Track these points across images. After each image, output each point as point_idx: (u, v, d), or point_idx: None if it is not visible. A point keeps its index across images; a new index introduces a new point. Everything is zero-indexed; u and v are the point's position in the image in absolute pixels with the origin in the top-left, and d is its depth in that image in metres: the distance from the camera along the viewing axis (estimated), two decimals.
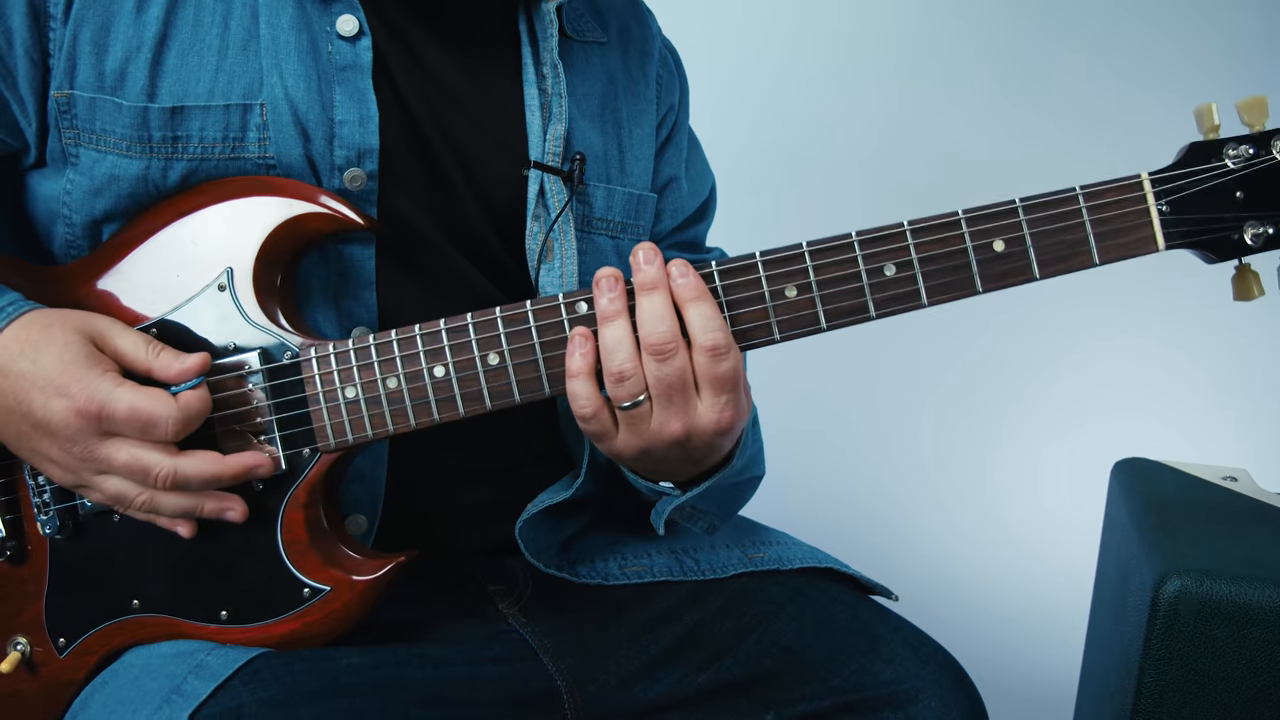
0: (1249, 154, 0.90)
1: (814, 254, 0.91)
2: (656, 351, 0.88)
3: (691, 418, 0.90)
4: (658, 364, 0.88)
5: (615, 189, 1.15)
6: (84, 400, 0.88)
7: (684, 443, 0.91)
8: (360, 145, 1.00)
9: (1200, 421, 2.52)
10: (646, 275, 0.90)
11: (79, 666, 0.99)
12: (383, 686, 0.92)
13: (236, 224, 0.97)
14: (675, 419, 0.90)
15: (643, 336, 0.89)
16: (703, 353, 0.89)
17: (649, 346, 0.89)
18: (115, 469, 0.91)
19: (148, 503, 0.93)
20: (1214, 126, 0.91)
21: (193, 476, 0.91)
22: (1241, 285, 0.93)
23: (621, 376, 0.89)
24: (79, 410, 0.89)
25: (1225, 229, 0.90)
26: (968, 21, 2.58)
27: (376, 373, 0.95)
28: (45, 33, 0.98)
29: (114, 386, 0.89)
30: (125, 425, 0.89)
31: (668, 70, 1.26)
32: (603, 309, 0.90)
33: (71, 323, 0.93)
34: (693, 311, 0.90)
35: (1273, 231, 0.90)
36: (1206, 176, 0.90)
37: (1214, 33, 2.51)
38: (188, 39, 0.99)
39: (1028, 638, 2.25)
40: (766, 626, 1.08)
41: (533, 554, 1.07)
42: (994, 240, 0.90)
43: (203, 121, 0.98)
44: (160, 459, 0.90)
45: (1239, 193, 0.90)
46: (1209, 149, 0.91)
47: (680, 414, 0.90)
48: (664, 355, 0.88)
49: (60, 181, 1.01)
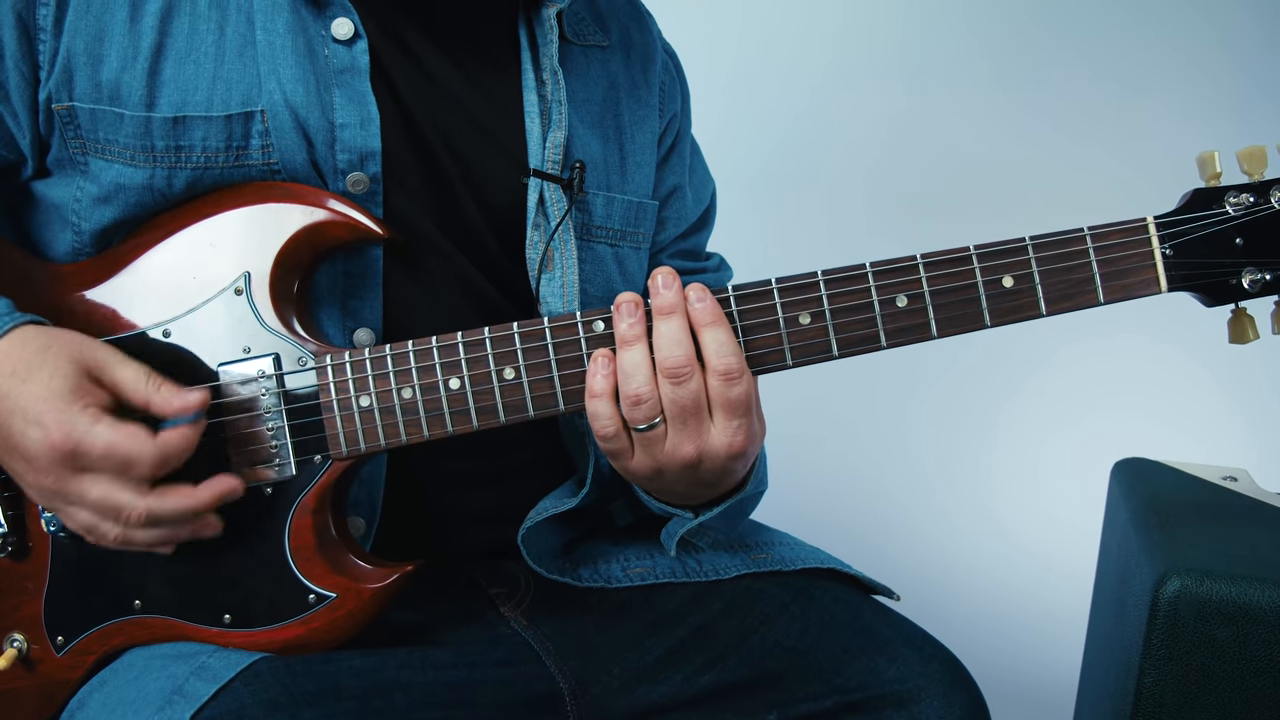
0: (1249, 202, 0.93)
1: (828, 283, 0.93)
2: (671, 375, 0.90)
3: (704, 441, 0.92)
4: (672, 387, 0.90)
5: (615, 196, 1.15)
6: (59, 436, 0.87)
7: (696, 465, 0.93)
8: (362, 148, 1.00)
9: (1200, 421, 2.52)
10: (665, 300, 0.91)
11: (76, 666, 0.99)
12: (384, 689, 0.92)
13: (256, 229, 0.97)
14: (688, 441, 0.91)
15: (659, 360, 0.90)
16: (716, 376, 0.90)
17: (664, 370, 0.90)
18: (87, 505, 0.89)
19: (120, 538, 0.91)
20: (1215, 174, 0.94)
21: (166, 515, 0.90)
22: (1237, 328, 0.97)
23: (638, 400, 0.90)
24: (53, 445, 0.87)
25: (1224, 274, 0.94)
26: (971, 24, 2.58)
27: (392, 382, 0.95)
28: (35, 45, 0.98)
29: (92, 424, 0.87)
30: (100, 463, 0.88)
31: (670, 76, 1.26)
32: (622, 334, 0.92)
33: (69, 349, 0.91)
34: (708, 336, 0.91)
35: (1270, 278, 0.94)
36: (1208, 222, 0.93)
37: (1214, 35, 2.51)
38: (183, 47, 0.98)
39: (1028, 638, 2.25)
40: (769, 627, 1.08)
41: (535, 560, 1.07)
42: (1003, 276, 0.93)
43: (205, 131, 0.97)
44: (132, 500, 0.88)
45: (1239, 239, 0.93)
46: (1211, 195, 0.94)
47: (693, 437, 0.91)
48: (679, 379, 0.90)
49: (70, 189, 1.01)
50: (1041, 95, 2.56)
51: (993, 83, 2.58)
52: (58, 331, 0.93)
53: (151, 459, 0.88)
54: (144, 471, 0.88)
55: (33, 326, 0.93)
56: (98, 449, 0.87)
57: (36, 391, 0.88)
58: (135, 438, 0.88)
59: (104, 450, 0.87)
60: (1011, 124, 2.57)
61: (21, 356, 0.90)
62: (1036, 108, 2.56)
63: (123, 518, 0.89)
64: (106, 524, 0.90)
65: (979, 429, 2.60)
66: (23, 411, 0.88)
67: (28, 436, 0.88)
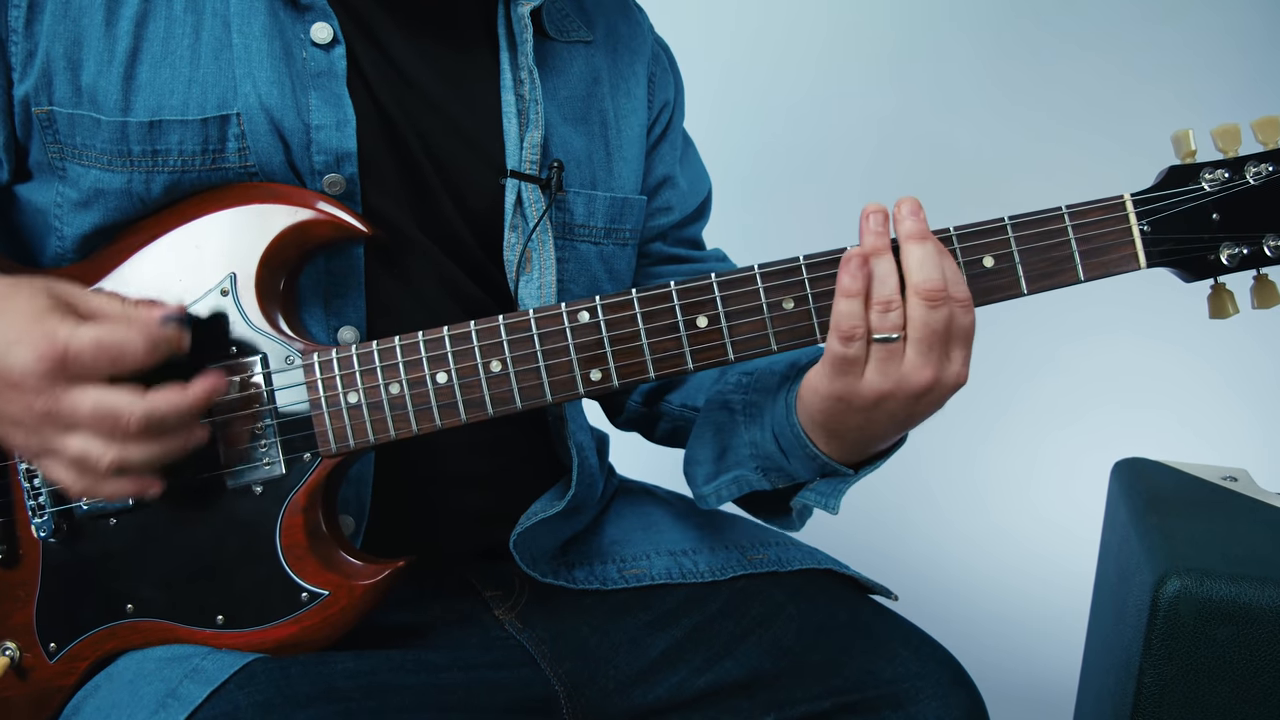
0: (1224, 178, 0.94)
1: (810, 267, 0.94)
2: (929, 297, 0.89)
3: (942, 369, 0.91)
4: (928, 309, 0.89)
5: (597, 194, 1.15)
6: (46, 345, 0.84)
7: (922, 396, 0.92)
8: (338, 149, 0.99)
9: (1200, 421, 2.52)
10: (916, 226, 0.91)
11: (69, 672, 0.98)
12: (378, 692, 0.92)
13: (241, 230, 0.97)
14: (929, 366, 0.90)
15: (917, 281, 0.90)
16: (954, 304, 0.90)
17: (923, 292, 0.89)
18: (81, 420, 0.86)
19: (117, 460, 0.87)
20: (1190, 151, 0.95)
21: (167, 411, 0.87)
22: (1217, 303, 0.97)
23: (888, 305, 0.90)
24: (41, 355, 0.84)
25: (1202, 249, 0.95)
26: (962, 18, 2.58)
27: (379, 378, 0.95)
28: (7, 48, 0.98)
29: (75, 326, 0.86)
30: (93, 360, 0.85)
31: (661, 67, 1.26)
32: (873, 245, 0.91)
33: (39, 283, 0.90)
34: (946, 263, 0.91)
35: (1247, 252, 0.94)
36: (1185, 199, 0.94)
37: (1213, 27, 2.50)
38: (159, 51, 0.98)
39: (1028, 638, 2.25)
40: (767, 628, 1.07)
41: (529, 565, 1.07)
42: (984, 256, 0.94)
43: (181, 135, 0.97)
44: (130, 400, 0.86)
45: (1215, 214, 0.94)
46: (1187, 172, 0.95)
47: (935, 363, 0.91)
48: (936, 302, 0.89)
49: (51, 193, 1.00)
50: (1035, 89, 2.56)
51: (986, 76, 2.57)
52: (24, 276, 0.92)
53: (142, 343, 0.87)
54: (139, 354, 0.86)
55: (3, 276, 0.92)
56: (87, 345, 0.85)
57: (14, 315, 0.86)
58: (120, 328, 0.87)
59: (93, 344, 0.85)
60: (1005, 117, 2.57)
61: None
62: (1030, 101, 2.56)
63: (123, 421, 0.86)
64: (101, 446, 0.87)
65: (978, 428, 2.59)
66: (3, 335, 0.86)
67: (12, 355, 0.85)
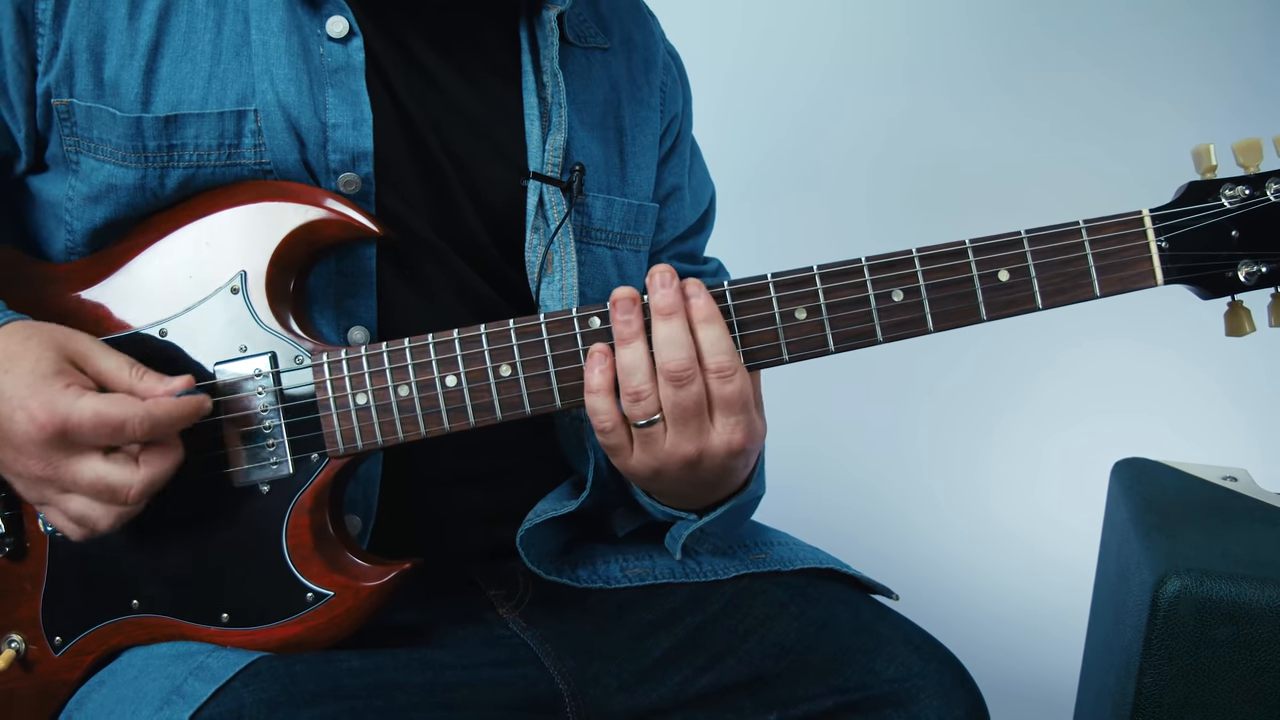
0: (1245, 194, 0.93)
1: (824, 277, 0.93)
2: (673, 378, 0.90)
3: (704, 440, 0.92)
4: (674, 389, 0.90)
5: (615, 199, 1.15)
6: (45, 416, 0.85)
7: (696, 464, 0.93)
8: (354, 149, 1.00)
9: (1200, 421, 2.52)
10: (665, 300, 0.91)
11: (74, 666, 0.99)
12: (383, 690, 0.92)
13: (252, 228, 0.97)
14: (688, 441, 0.91)
15: (661, 363, 0.90)
16: (710, 374, 0.90)
17: (667, 373, 0.90)
18: (81, 488, 0.88)
19: (115, 523, 0.89)
20: (1211, 167, 0.94)
21: (165, 477, 0.89)
22: (1234, 321, 0.97)
23: (638, 396, 0.90)
24: (40, 425, 0.86)
25: (1220, 266, 0.94)
26: (972, 24, 2.57)
27: (388, 380, 0.95)
28: (34, 39, 0.98)
29: (76, 398, 0.86)
30: (92, 434, 0.86)
31: (671, 77, 1.26)
32: (619, 332, 0.91)
33: (52, 339, 0.90)
34: (703, 333, 0.91)
35: (1266, 270, 0.93)
36: (1204, 215, 0.93)
37: (1216, 37, 2.51)
38: (180, 46, 0.98)
39: (1028, 638, 2.25)
40: (769, 627, 1.08)
41: (534, 562, 1.07)
42: (999, 270, 0.93)
43: (197, 129, 0.97)
44: (127, 474, 0.87)
45: (1235, 232, 0.93)
46: (1206, 188, 0.93)
47: (694, 436, 0.91)
48: (681, 382, 0.90)
49: (63, 186, 1.01)
50: (1043, 94, 2.56)
51: (993, 82, 2.58)
52: (41, 324, 0.93)
53: (141, 418, 0.87)
54: (137, 431, 0.87)
55: (17, 323, 0.93)
56: (87, 420, 0.86)
57: (20, 378, 0.87)
58: (122, 401, 0.87)
59: (93, 418, 0.86)
60: (1012, 123, 2.57)
61: (6, 349, 0.89)
62: (1037, 106, 2.56)
63: (119, 496, 0.87)
64: (99, 510, 0.89)
65: (979, 428, 2.60)
66: (7, 399, 0.87)
67: (14, 421, 0.87)
